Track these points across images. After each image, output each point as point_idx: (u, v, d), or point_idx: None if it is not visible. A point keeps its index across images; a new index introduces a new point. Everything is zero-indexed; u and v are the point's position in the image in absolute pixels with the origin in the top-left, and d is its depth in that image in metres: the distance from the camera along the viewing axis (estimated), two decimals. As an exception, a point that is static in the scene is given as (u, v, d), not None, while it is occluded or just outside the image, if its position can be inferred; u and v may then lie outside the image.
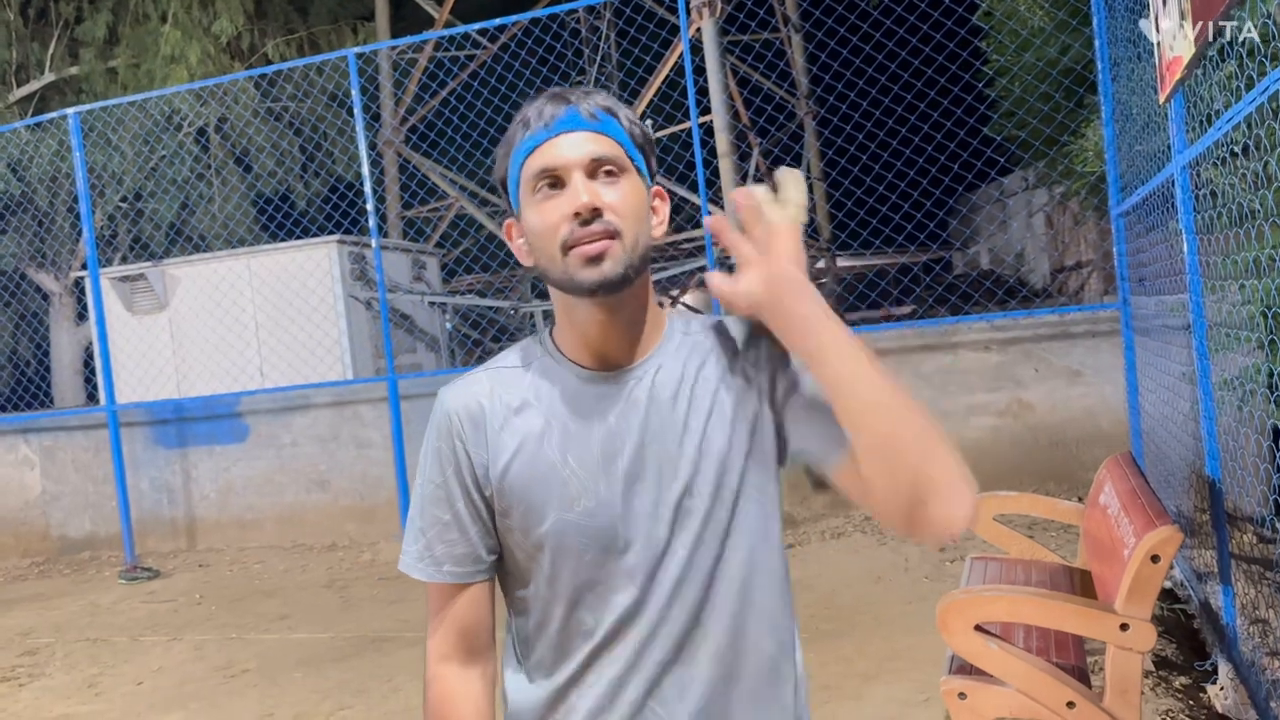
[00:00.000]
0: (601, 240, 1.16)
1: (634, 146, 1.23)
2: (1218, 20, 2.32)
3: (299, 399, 7.79)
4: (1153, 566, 2.45)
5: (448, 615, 1.29)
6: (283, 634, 5.29)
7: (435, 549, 1.26)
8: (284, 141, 12.53)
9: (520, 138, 1.22)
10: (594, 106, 1.21)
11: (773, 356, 1.27)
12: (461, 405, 1.26)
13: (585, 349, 1.26)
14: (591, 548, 1.22)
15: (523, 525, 1.23)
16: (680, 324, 1.33)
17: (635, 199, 1.20)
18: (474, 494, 1.25)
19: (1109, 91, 5.51)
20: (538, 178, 1.19)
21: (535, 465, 1.22)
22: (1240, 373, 3.63)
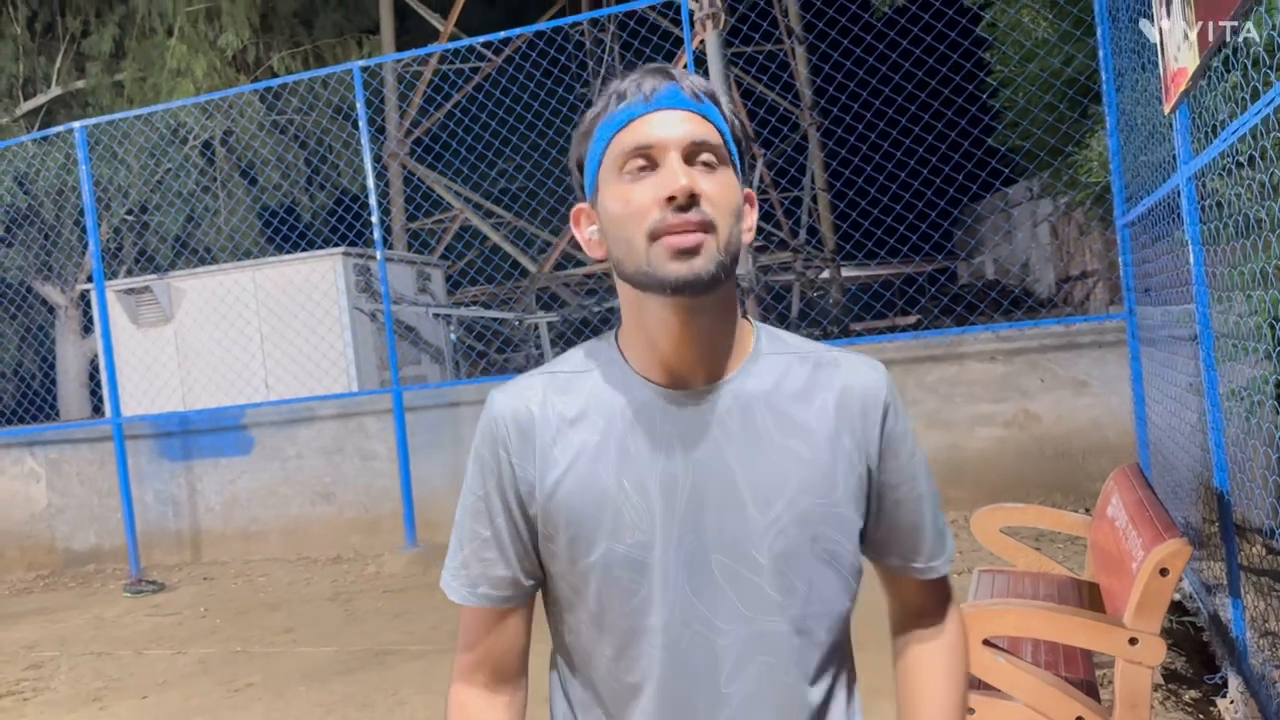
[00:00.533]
0: (696, 232, 1.01)
1: (733, 139, 1.10)
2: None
3: (304, 411, 7.79)
4: (1161, 580, 2.43)
5: (477, 639, 1.17)
6: (287, 647, 5.27)
7: (471, 567, 1.14)
8: (289, 154, 12.58)
9: (612, 109, 1.07)
10: (697, 86, 1.08)
11: (899, 433, 1.15)
12: (510, 411, 1.12)
13: (654, 359, 1.10)
14: (642, 587, 1.07)
15: (569, 553, 1.10)
16: (770, 343, 1.16)
17: (732, 194, 1.06)
18: (515, 511, 1.12)
19: (1113, 102, 5.50)
20: (629, 155, 1.04)
21: (587, 486, 1.08)
22: (1248, 383, 3.62)
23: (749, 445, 1.08)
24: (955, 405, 6.35)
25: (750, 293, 8.61)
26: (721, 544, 1.07)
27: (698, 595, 1.07)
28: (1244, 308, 3.45)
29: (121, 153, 10.57)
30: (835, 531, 1.09)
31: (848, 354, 1.16)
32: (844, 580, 1.12)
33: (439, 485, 7.45)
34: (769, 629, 1.07)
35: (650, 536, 1.07)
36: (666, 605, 1.07)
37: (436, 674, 4.55)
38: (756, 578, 1.07)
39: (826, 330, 13.23)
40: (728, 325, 1.10)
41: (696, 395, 1.09)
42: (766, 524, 1.07)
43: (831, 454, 1.09)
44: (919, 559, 1.20)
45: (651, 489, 1.07)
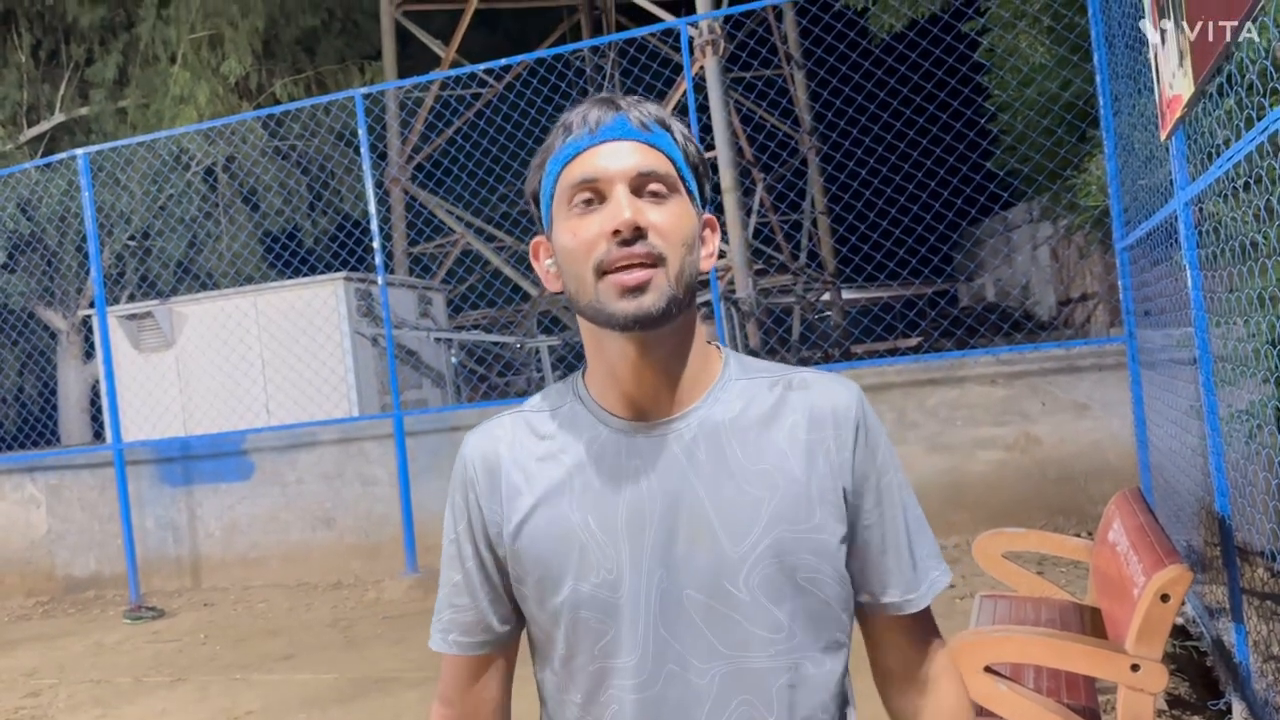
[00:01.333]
0: (642, 269, 0.99)
1: (687, 165, 1.07)
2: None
3: (305, 436, 7.79)
4: (1163, 606, 2.42)
5: (453, 689, 1.15)
6: (287, 674, 5.25)
7: (444, 614, 1.13)
8: (291, 180, 12.66)
9: (560, 143, 1.06)
10: (645, 115, 1.05)
11: (872, 452, 1.10)
12: (479, 453, 1.11)
13: (617, 393, 1.08)
14: (609, 629, 1.04)
15: (537, 594, 1.07)
16: (738, 368, 1.12)
17: (684, 223, 1.03)
18: (485, 554, 1.10)
19: (1111, 126, 5.53)
20: (576, 189, 1.03)
21: (552, 526, 1.06)
22: (1248, 407, 3.62)
23: (718, 474, 1.05)
24: (956, 429, 6.34)
25: (751, 316, 8.63)
26: (694, 579, 1.03)
27: (671, 633, 1.03)
28: (1242, 331, 3.46)
29: (124, 179, 10.62)
30: (816, 558, 1.05)
31: (818, 374, 1.13)
32: (830, 610, 1.07)
33: (440, 510, 7.42)
34: (749, 667, 1.03)
35: (617, 575, 1.03)
36: (638, 645, 1.03)
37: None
38: (735, 613, 1.03)
39: (827, 353, 13.23)
40: (688, 354, 1.08)
41: (661, 427, 1.07)
42: (741, 555, 1.03)
43: (806, 477, 1.06)
44: (890, 593, 1.12)
45: (618, 526, 1.04)
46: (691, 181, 1.08)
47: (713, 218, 1.13)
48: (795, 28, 14.12)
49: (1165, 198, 3.87)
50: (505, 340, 11.70)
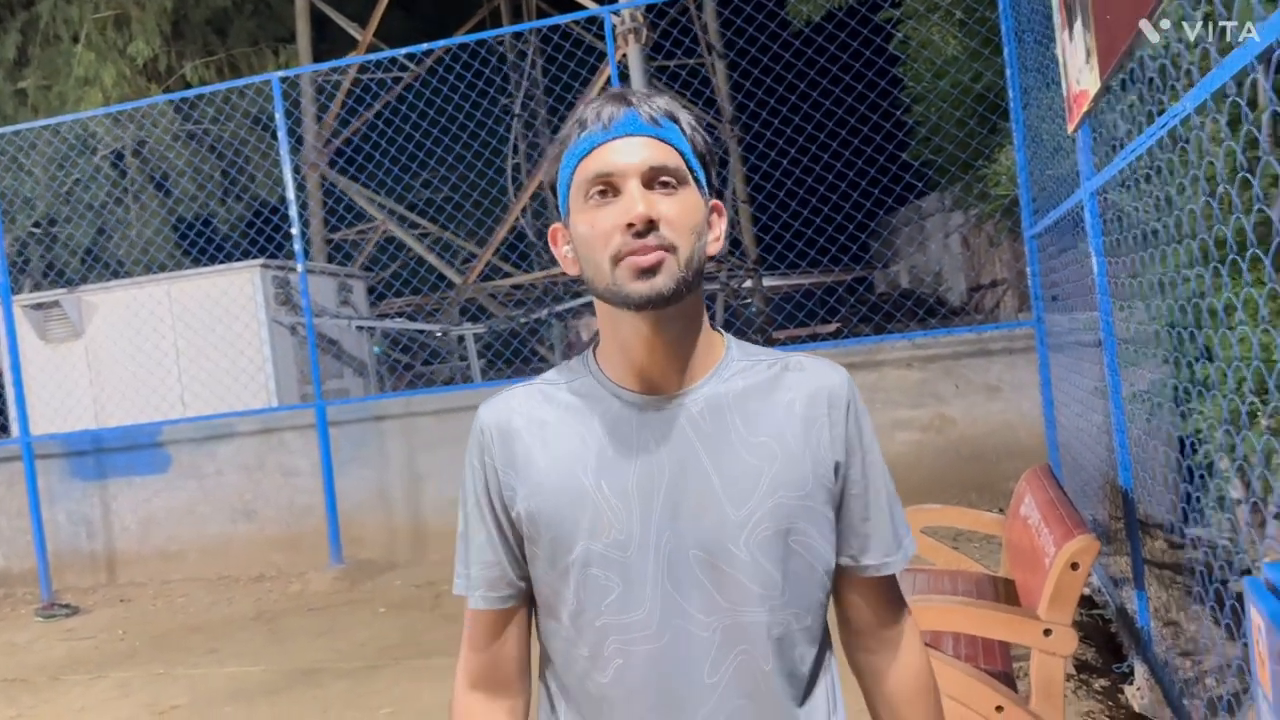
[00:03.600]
0: (655, 252, 1.07)
1: (695, 156, 1.15)
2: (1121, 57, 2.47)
3: (223, 427, 7.64)
4: (1072, 574, 2.57)
5: (479, 642, 1.23)
6: (211, 668, 5.18)
7: (472, 569, 1.21)
8: (205, 165, 12.31)
9: (575, 138, 1.14)
10: (655, 110, 1.13)
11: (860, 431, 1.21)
12: (495, 421, 1.19)
13: (630, 370, 1.17)
14: (617, 586, 1.12)
15: (549, 554, 1.15)
16: (740, 351, 1.23)
17: (693, 212, 1.12)
18: (501, 515, 1.19)
19: (1020, 119, 5.74)
20: (591, 183, 1.11)
21: (566, 489, 1.14)
22: (1149, 387, 3.81)
23: (722, 446, 1.14)
24: (875, 410, 6.52)
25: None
26: (699, 540, 1.12)
27: (677, 590, 1.11)
28: (1144, 315, 3.65)
29: (28, 163, 10.24)
30: (808, 524, 1.15)
31: (812, 358, 1.23)
32: (816, 570, 1.17)
33: (364, 501, 7.38)
34: (747, 620, 1.12)
35: (627, 536, 1.12)
36: (646, 601, 1.12)
37: (365, 691, 4.52)
38: (734, 571, 1.11)
39: (750, 339, 13.41)
40: (696, 335, 1.17)
41: (670, 400, 1.16)
42: (741, 519, 1.12)
43: (802, 451, 1.15)
44: (870, 555, 1.22)
45: (629, 491, 1.12)
46: (699, 170, 1.15)
47: (719, 203, 1.21)
48: (716, 17, 14.25)
49: (1072, 188, 4.05)
50: (430, 328, 11.61)
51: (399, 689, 4.48)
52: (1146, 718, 3.38)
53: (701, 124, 1.19)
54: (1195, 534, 4.01)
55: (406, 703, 4.29)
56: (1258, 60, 1.64)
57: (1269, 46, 1.55)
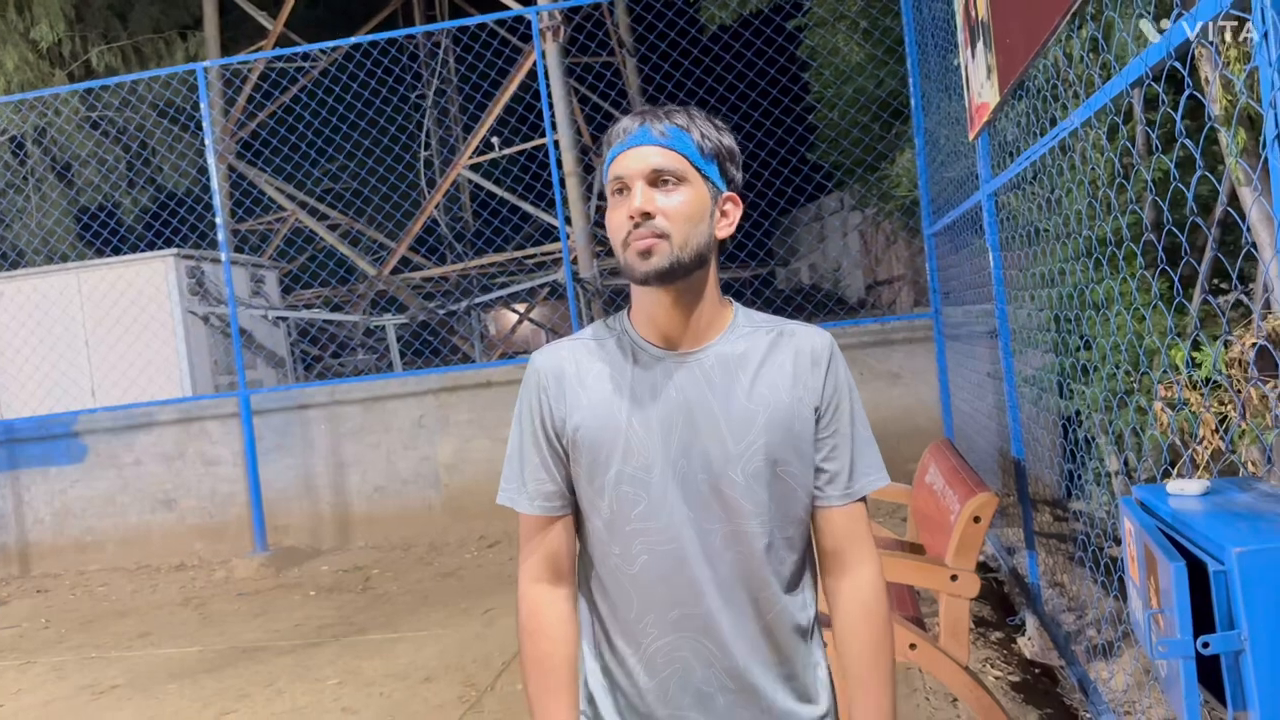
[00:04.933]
0: (649, 239, 1.35)
1: (702, 158, 1.40)
2: (1019, 75, 2.84)
3: (142, 417, 7.61)
4: (975, 526, 2.93)
5: (537, 543, 1.49)
6: (147, 650, 5.24)
7: (529, 485, 1.48)
8: (109, 155, 12.00)
9: (606, 149, 1.44)
10: (666, 124, 1.39)
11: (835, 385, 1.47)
12: (549, 365, 1.48)
13: (654, 329, 1.45)
14: (644, 500, 1.41)
15: (589, 473, 1.44)
16: (745, 319, 1.50)
17: (692, 204, 1.38)
18: (554, 441, 1.46)
19: (921, 124, 6.17)
20: (612, 183, 1.41)
21: (605, 422, 1.42)
22: (1037, 370, 4.21)
23: (728, 394, 1.43)
24: (787, 397, 6.88)
25: (597, 295, 8.97)
26: (706, 467, 1.41)
27: (688, 505, 1.41)
28: (1031, 307, 4.05)
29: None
30: (793, 457, 1.44)
31: (803, 325, 1.51)
32: (799, 495, 1.46)
33: (288, 488, 7.45)
34: (742, 529, 1.41)
35: (651, 461, 1.41)
36: (664, 512, 1.41)
37: (311, 664, 4.68)
38: (733, 492, 1.41)
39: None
40: (709, 303, 1.45)
41: (688, 356, 1.44)
42: (739, 452, 1.41)
43: (789, 400, 1.44)
44: (830, 489, 1.48)
45: (653, 426, 1.42)
46: (709, 168, 1.41)
47: (734, 195, 1.46)
48: (628, 15, 14.53)
49: (970, 190, 4.45)
50: (351, 319, 11.59)
51: (343, 662, 4.65)
52: (1037, 662, 3.80)
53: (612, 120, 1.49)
54: (1077, 506, 4.46)
55: (353, 674, 4.47)
56: (1132, 86, 1.99)
57: (1140, 76, 1.90)
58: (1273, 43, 1.28)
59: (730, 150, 1.45)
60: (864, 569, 1.50)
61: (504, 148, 12.85)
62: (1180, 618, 1.21)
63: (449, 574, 6.25)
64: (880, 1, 6.98)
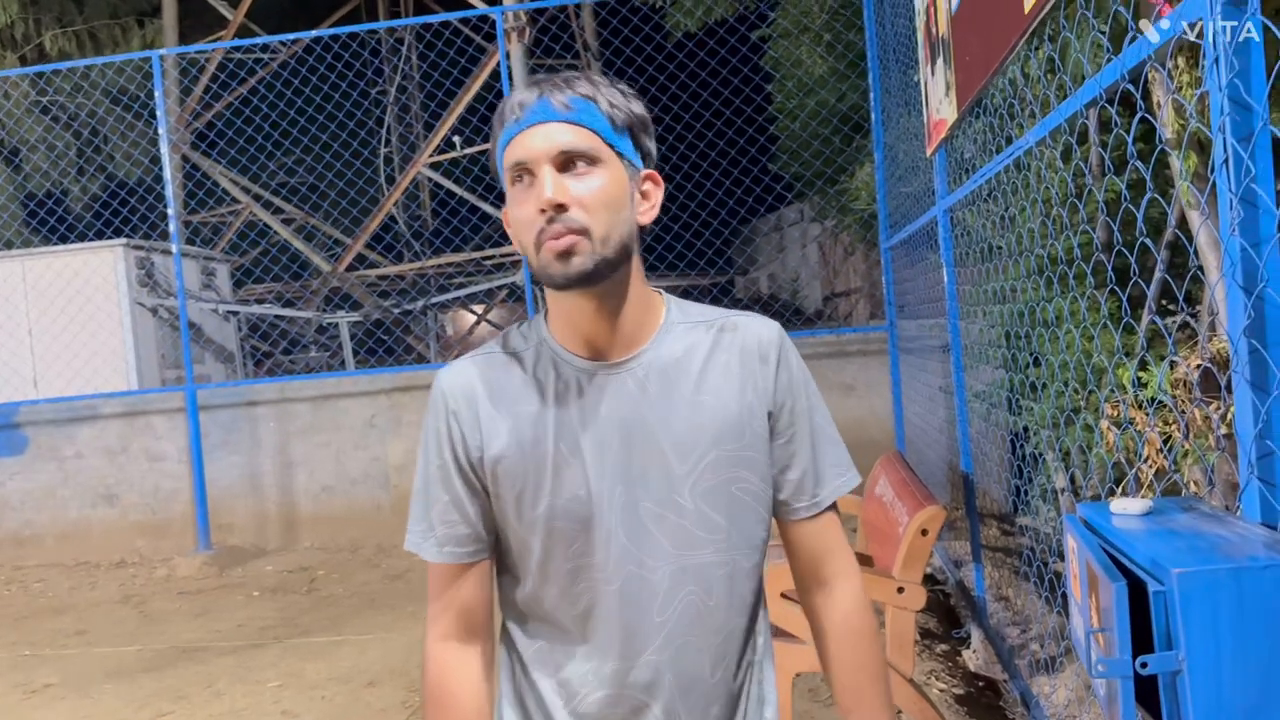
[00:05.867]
0: (566, 236, 1.13)
1: (614, 132, 1.19)
2: (976, 94, 2.87)
3: (85, 409, 7.44)
4: (923, 539, 2.95)
5: (448, 594, 1.28)
6: (83, 649, 5.11)
7: (437, 529, 1.26)
8: (59, 141, 11.74)
9: (498, 130, 1.20)
10: (569, 95, 1.17)
11: (788, 381, 1.29)
12: (457, 387, 1.25)
13: (577, 338, 1.24)
14: (580, 535, 1.22)
15: (515, 510, 1.23)
16: (679, 313, 1.30)
17: (611, 189, 1.16)
18: (470, 476, 1.25)
19: (881, 139, 6.22)
20: (512, 170, 1.17)
21: (529, 452, 1.22)
22: (988, 386, 4.25)
23: (667, 405, 1.23)
24: (742, 406, 6.90)
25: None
26: (648, 493, 1.22)
27: (630, 538, 1.22)
28: (983, 323, 4.09)
29: None
30: (748, 471, 1.25)
31: (745, 316, 1.32)
32: (758, 512, 1.28)
33: (233, 486, 7.32)
34: (694, 563, 1.23)
35: (586, 491, 1.21)
36: (604, 548, 1.22)
37: (252, 665, 4.59)
38: (681, 519, 1.22)
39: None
40: (636, 302, 1.25)
41: (618, 366, 1.24)
42: (686, 472, 1.22)
43: (739, 405, 1.25)
44: (797, 498, 1.31)
45: (586, 450, 1.21)
46: (623, 144, 1.20)
47: (654, 173, 1.26)
48: (594, 18, 14.52)
49: (926, 205, 4.49)
50: (305, 315, 11.43)
51: (285, 664, 4.57)
52: (981, 676, 3.83)
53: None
54: (1024, 521, 4.51)
55: (294, 677, 4.39)
56: (1086, 107, 2.02)
57: (1095, 97, 1.92)
58: (1223, 68, 1.30)
59: (643, 119, 1.24)
60: (846, 583, 1.35)
61: (465, 147, 12.80)
62: (1120, 637, 1.21)
63: (396, 576, 6.17)
64: (844, 15, 7.03)
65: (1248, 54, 1.28)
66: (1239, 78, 1.28)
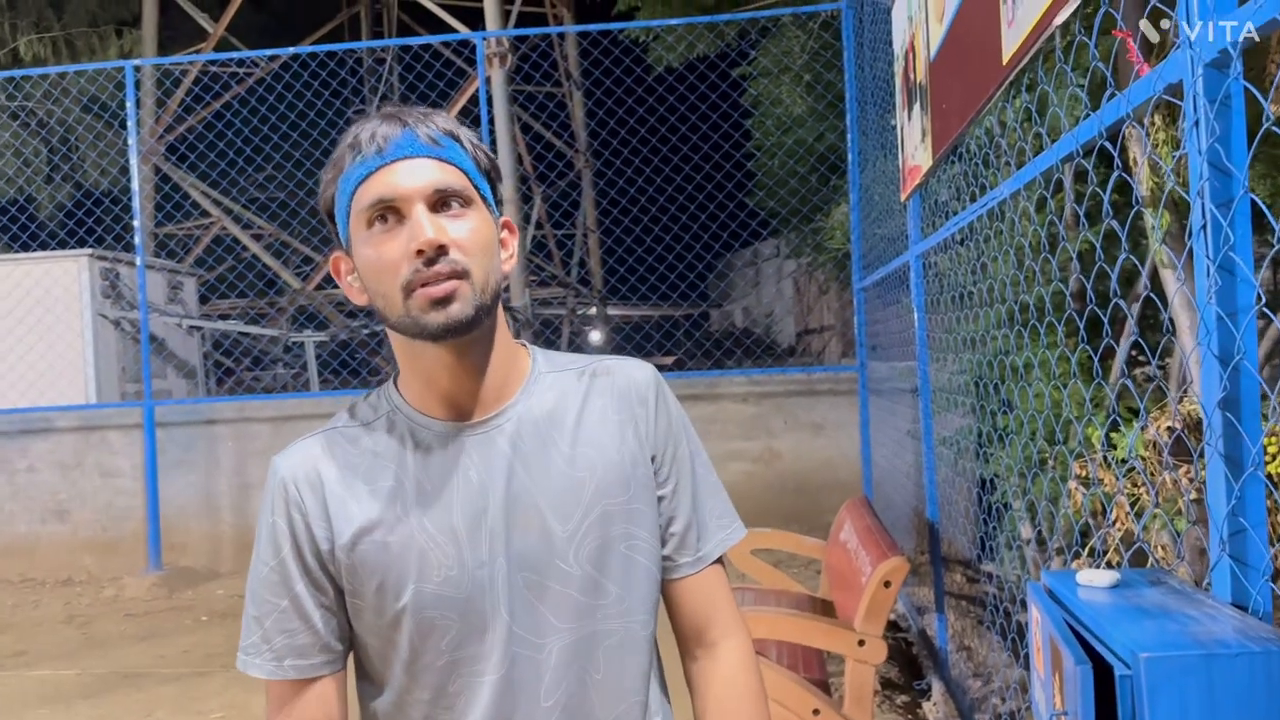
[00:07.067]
0: (448, 281, 1.02)
1: (479, 174, 1.10)
2: (952, 141, 2.84)
3: (40, 421, 7.26)
4: (885, 591, 2.89)
5: (290, 713, 1.11)
6: (19, 670, 4.94)
7: (274, 640, 1.10)
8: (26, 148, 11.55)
9: (349, 162, 1.05)
10: (434, 130, 1.06)
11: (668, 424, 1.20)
12: (299, 473, 1.10)
13: (436, 398, 1.11)
14: (455, 624, 1.08)
15: (376, 604, 1.08)
16: (545, 363, 1.20)
17: (484, 233, 1.07)
18: (317, 574, 1.09)
19: (857, 180, 6.23)
20: (372, 209, 1.03)
21: (389, 536, 1.08)
22: (955, 432, 4.23)
23: (543, 463, 1.12)
24: (712, 441, 6.86)
25: (530, 325, 8.87)
26: (527, 563, 1.09)
27: (513, 618, 1.08)
28: (954, 367, 4.06)
29: None
30: (636, 526, 1.14)
31: (618, 359, 1.22)
32: (651, 573, 1.17)
33: (188, 506, 7.16)
34: (583, 634, 1.11)
35: (459, 571, 1.07)
36: (485, 633, 1.08)
37: (195, 695, 4.45)
38: (565, 588, 1.10)
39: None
40: (502, 353, 1.14)
41: (484, 425, 1.12)
42: (568, 534, 1.10)
43: (619, 455, 1.14)
44: (680, 553, 1.20)
45: (456, 525, 1.08)
46: (485, 188, 1.10)
47: (509, 220, 1.16)
48: (576, 47, 14.57)
49: (900, 248, 4.47)
50: (270, 333, 11.28)
51: (229, 694, 4.43)
52: (940, 728, 3.76)
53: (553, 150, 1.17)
54: (989, 569, 4.47)
55: (238, 709, 4.25)
56: (1062, 161, 1.99)
57: (1071, 152, 1.89)
58: (1203, 132, 1.26)
59: (496, 165, 1.15)
60: (731, 642, 1.23)
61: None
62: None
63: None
64: (824, 57, 7.06)
65: (1229, 117, 1.24)
66: (1220, 142, 1.24)
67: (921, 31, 3.20)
